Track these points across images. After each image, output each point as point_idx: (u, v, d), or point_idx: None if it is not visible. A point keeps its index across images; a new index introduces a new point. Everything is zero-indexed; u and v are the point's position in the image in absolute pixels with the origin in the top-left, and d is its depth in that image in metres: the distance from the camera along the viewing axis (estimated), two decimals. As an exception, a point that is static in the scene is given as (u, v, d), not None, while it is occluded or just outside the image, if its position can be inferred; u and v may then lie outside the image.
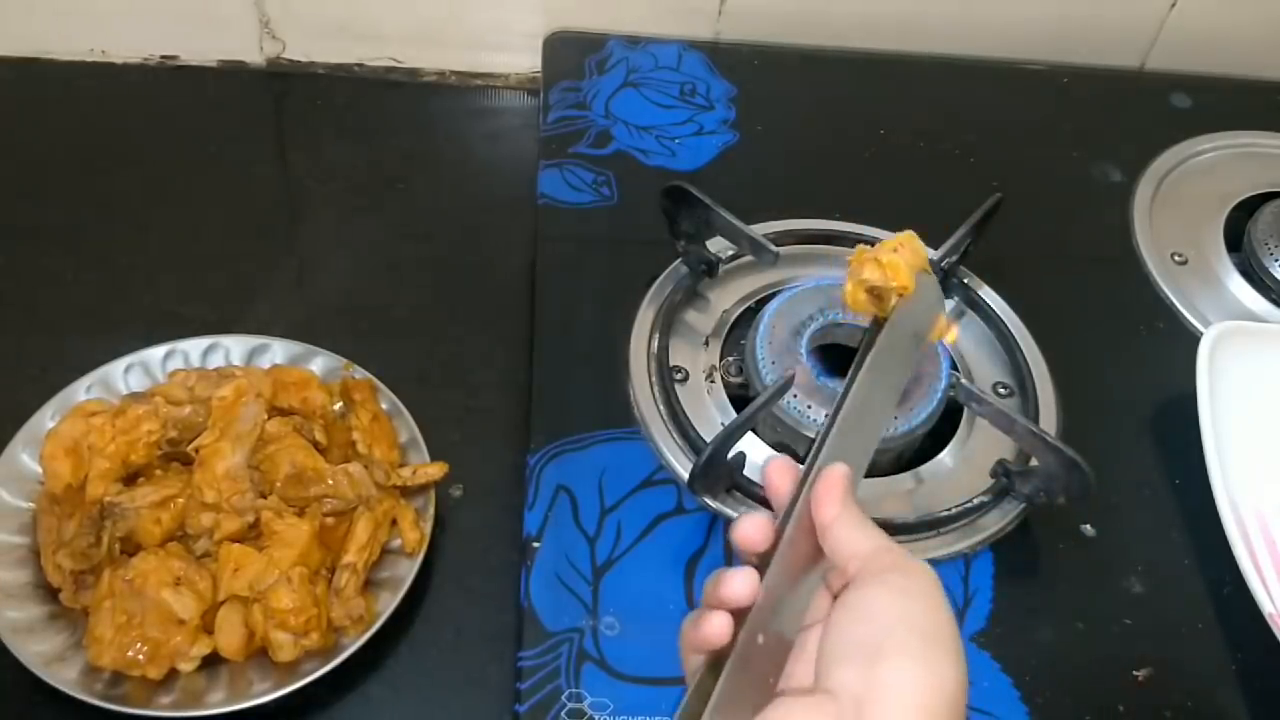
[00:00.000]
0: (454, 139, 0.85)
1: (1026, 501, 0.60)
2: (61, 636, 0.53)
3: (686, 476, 0.58)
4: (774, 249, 0.66)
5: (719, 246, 0.69)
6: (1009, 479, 0.60)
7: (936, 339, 0.52)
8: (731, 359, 0.66)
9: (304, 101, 0.85)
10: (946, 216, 0.69)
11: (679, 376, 0.64)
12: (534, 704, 0.51)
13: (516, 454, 0.61)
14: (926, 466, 0.62)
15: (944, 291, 0.70)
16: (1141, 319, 0.73)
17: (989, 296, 0.70)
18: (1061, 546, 0.61)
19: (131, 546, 0.55)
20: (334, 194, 0.79)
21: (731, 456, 0.58)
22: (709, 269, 0.68)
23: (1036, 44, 0.90)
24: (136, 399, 0.59)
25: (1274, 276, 0.75)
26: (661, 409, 0.62)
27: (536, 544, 0.57)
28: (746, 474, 0.59)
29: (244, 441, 0.57)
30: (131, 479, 0.57)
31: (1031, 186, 0.79)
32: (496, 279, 0.74)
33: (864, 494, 0.60)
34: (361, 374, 0.63)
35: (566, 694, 0.52)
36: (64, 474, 0.55)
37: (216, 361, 0.63)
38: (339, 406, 0.62)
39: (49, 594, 0.55)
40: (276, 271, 0.74)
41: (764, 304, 0.66)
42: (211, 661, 0.53)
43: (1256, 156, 0.85)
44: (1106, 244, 0.78)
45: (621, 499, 0.59)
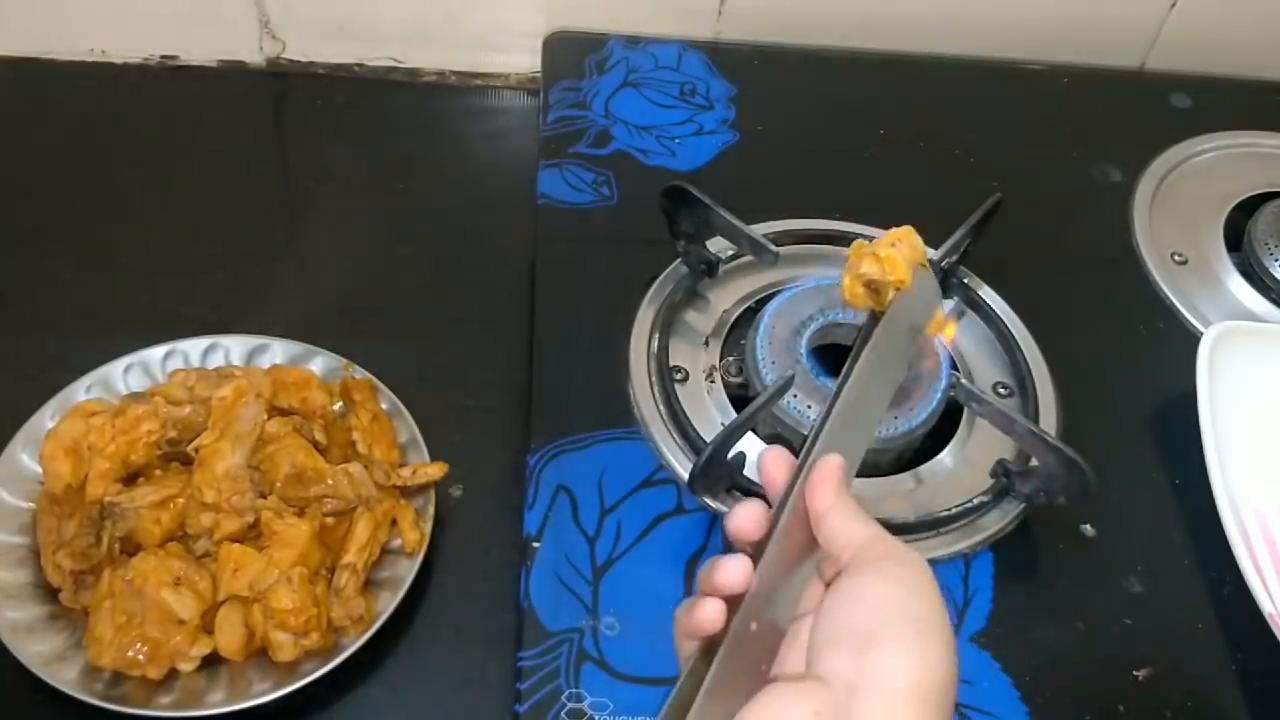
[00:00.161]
0: (454, 139, 0.85)
1: (1026, 501, 0.60)
2: (61, 636, 0.53)
3: (686, 476, 0.58)
4: (774, 249, 0.66)
5: (719, 246, 0.69)
6: (1009, 479, 0.60)
7: (934, 334, 0.52)
8: (731, 359, 0.66)
9: (304, 101, 0.85)
10: (946, 216, 0.69)
11: (679, 376, 0.64)
12: (534, 704, 0.51)
13: (516, 454, 0.61)
14: (926, 466, 0.62)
15: (944, 291, 0.70)
16: (1141, 319, 0.73)
17: (989, 296, 0.70)
18: (1061, 546, 0.61)
19: (131, 546, 0.55)
20: (334, 194, 0.79)
21: (731, 456, 0.58)
22: (709, 269, 0.68)
23: (1036, 44, 0.90)
24: (136, 399, 0.59)
25: (1274, 276, 0.75)
26: (661, 409, 0.62)
27: (536, 544, 0.57)
28: (746, 474, 0.59)
29: (244, 441, 0.57)
30: (131, 479, 0.57)
31: (1031, 186, 0.79)
32: (496, 279, 0.74)
33: (864, 494, 0.60)
34: (361, 374, 0.63)
35: (566, 694, 0.52)
36: (64, 474, 0.55)
37: (216, 361, 0.64)
38: (339, 406, 0.62)
39: (49, 594, 0.55)
40: (276, 271, 0.74)
41: (764, 304, 0.66)
42: (211, 661, 0.53)
43: (1256, 156, 0.85)
44: (1106, 244, 0.78)
45: (621, 499, 0.59)
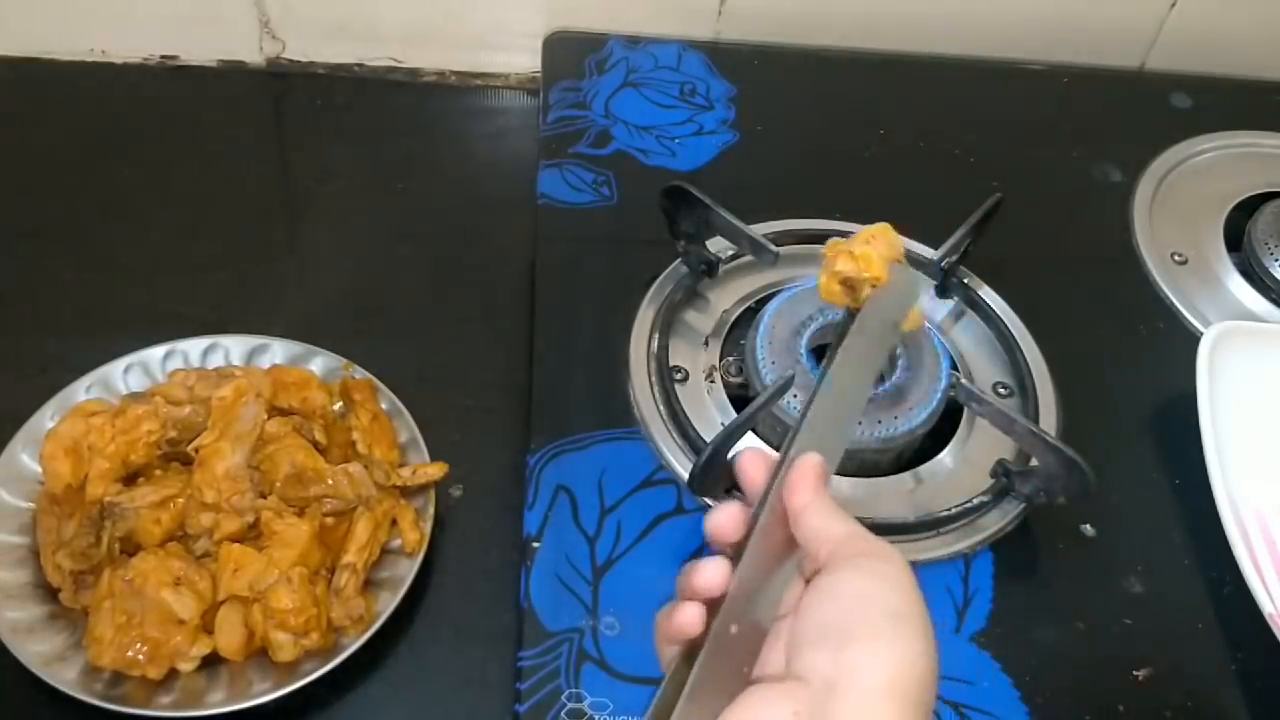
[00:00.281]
0: (454, 139, 0.85)
1: (1026, 501, 0.60)
2: (61, 636, 0.53)
3: (686, 476, 0.58)
4: (774, 249, 0.66)
5: (719, 246, 0.69)
6: (1009, 479, 0.60)
7: (910, 329, 0.52)
8: (731, 359, 0.66)
9: (304, 101, 0.85)
10: (946, 216, 0.69)
11: (679, 376, 0.64)
12: (534, 704, 0.51)
13: (516, 454, 0.61)
14: (926, 466, 0.62)
15: (944, 291, 0.70)
16: (1141, 319, 0.73)
17: (989, 296, 0.70)
18: (1061, 546, 0.61)
19: (131, 546, 0.55)
20: (334, 194, 0.79)
21: (731, 456, 0.57)
22: (709, 269, 0.68)
23: (1036, 44, 0.90)
24: (136, 399, 0.59)
25: (1274, 276, 0.75)
26: (661, 409, 0.62)
27: (536, 544, 0.57)
28: (746, 474, 0.59)
29: (244, 441, 0.57)
30: (131, 479, 0.57)
31: (1031, 186, 0.79)
32: (496, 279, 0.74)
33: (864, 493, 0.60)
34: (361, 374, 0.63)
35: (566, 694, 0.52)
36: (64, 474, 0.55)
37: (216, 361, 0.64)
38: (339, 406, 0.62)
39: (49, 594, 0.55)
40: (276, 271, 0.74)
41: (764, 304, 0.66)
42: (211, 661, 0.53)
43: (1256, 156, 0.85)
44: (1106, 244, 0.78)
45: (621, 499, 0.59)
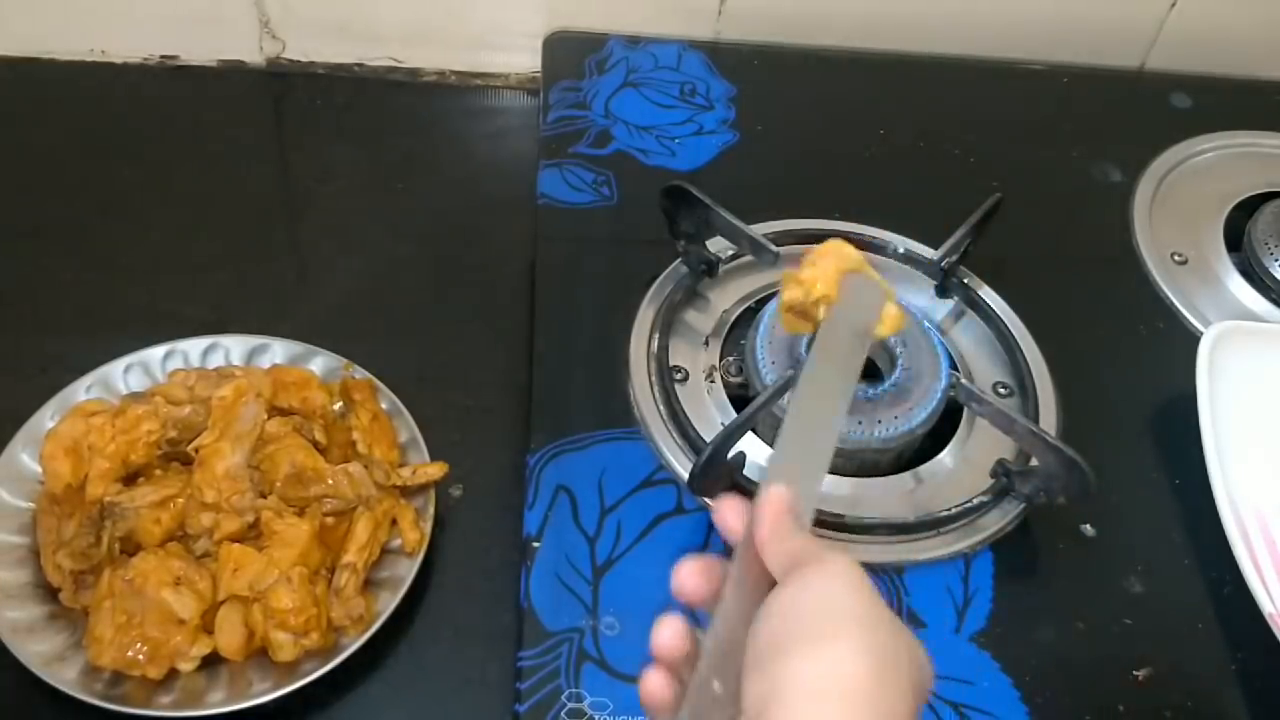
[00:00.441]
0: (454, 139, 0.85)
1: (1026, 501, 0.60)
2: (61, 636, 0.53)
3: (686, 476, 0.58)
4: (774, 249, 0.66)
5: (719, 246, 0.69)
6: (1009, 479, 0.60)
7: (891, 332, 0.51)
8: (731, 359, 0.66)
9: (304, 101, 0.85)
10: (946, 216, 0.69)
11: (679, 376, 0.64)
12: (534, 704, 0.51)
13: (516, 454, 0.61)
14: (926, 466, 0.62)
15: (944, 291, 0.70)
16: (1141, 319, 0.73)
17: (989, 296, 0.70)
18: (1061, 546, 0.61)
19: (131, 546, 0.55)
20: (334, 194, 0.79)
21: (731, 456, 0.58)
22: (709, 269, 0.68)
23: (1036, 44, 0.90)
24: (136, 399, 0.59)
25: (1274, 276, 0.75)
26: (661, 409, 0.62)
27: (536, 544, 0.57)
28: (746, 474, 0.59)
29: (244, 441, 0.57)
30: (131, 479, 0.57)
31: (1031, 186, 0.79)
32: (496, 279, 0.74)
33: (864, 493, 0.60)
34: (361, 374, 0.63)
35: (566, 694, 0.52)
36: (64, 474, 0.55)
37: (216, 361, 0.63)
38: (339, 406, 0.62)
39: (49, 594, 0.55)
40: (276, 271, 0.74)
41: (764, 304, 0.66)
42: (211, 661, 0.53)
43: (1256, 156, 0.85)
44: (1106, 244, 0.78)
45: (621, 499, 0.59)
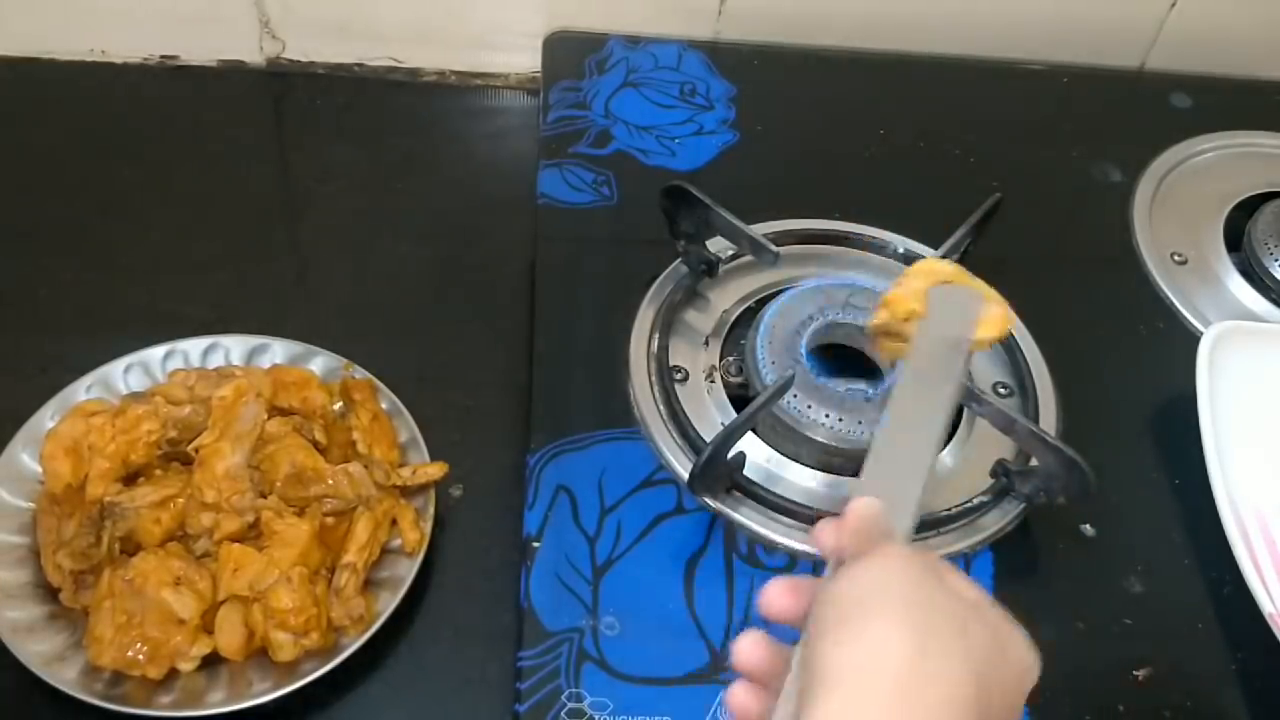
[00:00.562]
0: (454, 139, 0.85)
1: (1026, 501, 0.60)
2: (61, 636, 0.53)
3: (686, 476, 0.58)
4: (774, 249, 0.66)
5: (719, 246, 0.69)
6: (1009, 479, 0.60)
7: (997, 335, 0.50)
8: (731, 359, 0.66)
9: (304, 101, 0.85)
10: (946, 216, 0.69)
11: (679, 376, 0.64)
12: (534, 704, 0.51)
13: (516, 454, 0.61)
14: (926, 466, 0.62)
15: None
16: (1141, 319, 0.73)
17: (989, 296, 0.70)
18: (1061, 546, 0.61)
19: (131, 546, 0.55)
20: (334, 194, 0.79)
21: (731, 456, 0.58)
22: (709, 269, 0.68)
23: (1036, 44, 0.90)
24: (136, 399, 0.59)
25: (1274, 276, 0.75)
26: (661, 409, 0.62)
27: (536, 544, 0.57)
28: (746, 474, 0.59)
29: (244, 441, 0.57)
30: (131, 479, 0.57)
31: (1031, 186, 0.79)
32: (496, 279, 0.74)
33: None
34: (361, 374, 0.63)
35: (566, 694, 0.52)
36: (64, 474, 0.55)
37: (216, 361, 0.63)
38: (339, 406, 0.62)
39: (49, 594, 0.55)
40: (276, 271, 0.74)
41: (764, 304, 0.66)
42: (211, 661, 0.53)
43: (1256, 156, 0.85)
44: (1106, 244, 0.78)
45: (621, 499, 0.59)
